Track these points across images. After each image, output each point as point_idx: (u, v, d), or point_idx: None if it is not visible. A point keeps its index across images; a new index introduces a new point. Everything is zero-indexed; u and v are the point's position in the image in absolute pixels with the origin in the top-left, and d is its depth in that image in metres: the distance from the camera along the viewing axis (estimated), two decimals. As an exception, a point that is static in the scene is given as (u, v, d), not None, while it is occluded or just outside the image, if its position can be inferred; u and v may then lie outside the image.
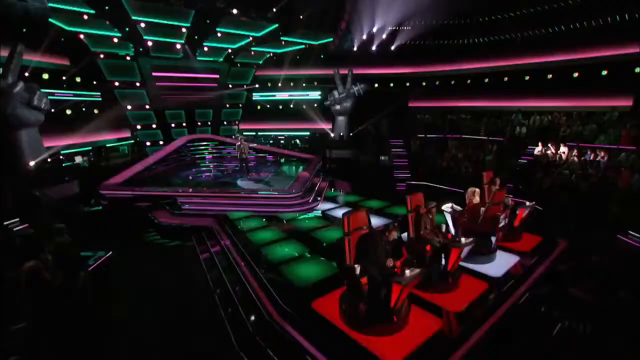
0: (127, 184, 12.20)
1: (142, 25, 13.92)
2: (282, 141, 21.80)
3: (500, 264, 6.40)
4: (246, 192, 11.36)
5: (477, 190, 6.76)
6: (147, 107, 17.86)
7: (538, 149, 12.62)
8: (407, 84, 21.92)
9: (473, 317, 4.90)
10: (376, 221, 9.25)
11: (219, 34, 16.19)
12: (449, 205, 7.22)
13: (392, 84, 22.20)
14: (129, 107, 17.26)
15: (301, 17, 16.96)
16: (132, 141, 17.70)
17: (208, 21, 14.94)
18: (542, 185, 10.83)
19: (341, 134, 19.87)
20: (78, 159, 13.49)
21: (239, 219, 9.70)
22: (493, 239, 6.43)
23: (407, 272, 4.40)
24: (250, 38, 17.44)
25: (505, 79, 17.03)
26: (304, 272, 6.37)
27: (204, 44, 17.22)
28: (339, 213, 10.09)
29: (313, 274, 6.29)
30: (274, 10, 15.35)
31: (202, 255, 8.30)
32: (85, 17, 12.53)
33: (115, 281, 6.78)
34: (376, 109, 20.59)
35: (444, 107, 19.78)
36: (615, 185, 9.65)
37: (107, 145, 16.21)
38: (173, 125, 19.12)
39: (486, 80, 17.88)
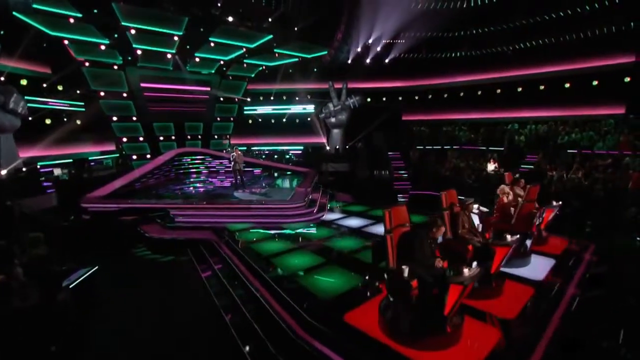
0: (113, 197, 11.25)
1: (132, 32, 13.34)
2: (275, 156, 21.21)
3: (537, 267, 5.90)
4: (246, 202, 10.57)
5: (508, 188, 6.33)
6: (134, 119, 16.99)
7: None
8: (400, 98, 22.05)
9: (530, 324, 4.30)
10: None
11: (212, 44, 15.77)
12: (475, 206, 6.77)
13: (384, 98, 22.27)
14: (114, 118, 16.33)
15: (296, 29, 16.87)
16: (117, 154, 16.65)
17: (202, 29, 14.53)
18: (550, 190, 10.62)
19: (337, 146, 19.53)
20: (57, 171, 12.39)
21: (240, 230, 8.90)
22: (528, 242, 5.95)
23: (466, 270, 3.80)
24: (244, 49, 17.12)
25: (498, 90, 17.28)
26: (325, 283, 5.64)
27: (196, 54, 16.74)
28: (348, 222, 9.52)
29: (336, 285, 5.57)
30: (270, 20, 15.17)
31: (201, 270, 7.42)
32: (72, 20, 11.83)
33: (102, 300, 5.86)
34: (370, 123, 20.52)
35: (438, 120, 19.92)
36: (626, 187, 9.52)
37: (90, 158, 15.12)
38: (161, 138, 18.24)
39: (479, 92, 18.13)
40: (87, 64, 14.79)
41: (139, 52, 14.98)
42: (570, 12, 13.64)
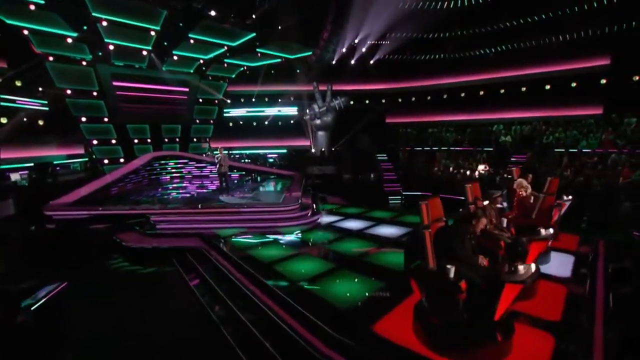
0: (82, 203, 10.08)
1: (104, 24, 12.24)
2: (258, 159, 20.40)
3: (560, 264, 5.60)
4: (236, 206, 9.76)
5: (525, 182, 6.04)
6: (106, 120, 15.65)
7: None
8: (383, 101, 21.99)
9: (578, 326, 3.91)
10: (393, 230, 8.26)
11: (191, 41, 14.90)
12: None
13: (367, 101, 22.13)
14: (83, 119, 14.95)
15: (279, 27, 16.31)
16: (87, 158, 15.22)
17: (181, 25, 13.65)
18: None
19: (322, 149, 19.04)
20: (15, 176, 11.00)
21: (232, 236, 8.11)
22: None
23: (521, 268, 3.35)
24: (225, 47, 16.36)
25: (482, 92, 17.54)
26: (341, 291, 5.03)
27: (174, 52, 15.78)
28: (348, 225, 8.96)
29: (354, 292, 4.98)
30: (254, 16, 14.53)
31: (190, 280, 6.58)
32: (32, 7, 10.60)
33: (73, 320, 4.94)
34: (355, 125, 20.26)
35: (421, 122, 19.98)
36: (617, 183, 9.67)
37: (56, 162, 13.66)
38: (136, 141, 16.95)
39: (463, 94, 18.33)
40: (51, 58, 13.42)
41: (111, 47, 13.83)
42: (549, 16, 14.01)
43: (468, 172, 13.21)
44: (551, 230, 4.63)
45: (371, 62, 19.71)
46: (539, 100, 15.26)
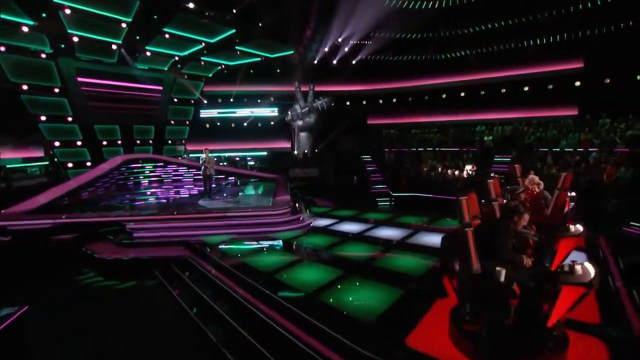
0: (44, 211, 8.92)
1: (67, 12, 11.06)
2: (237, 162, 19.54)
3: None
4: (222, 211, 9.01)
5: (537, 178, 5.87)
6: (70, 119, 14.23)
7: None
8: (364, 102, 21.87)
9: (618, 326, 3.67)
10: (393, 232, 7.90)
11: (166, 36, 13.91)
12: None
13: (348, 102, 21.91)
14: (42, 118, 13.48)
15: (261, 24, 15.69)
16: (47, 162, 13.73)
17: (155, 17, 12.68)
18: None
19: (305, 151, 18.55)
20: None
21: (221, 243, 7.40)
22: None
23: (579, 268, 3.02)
24: (203, 44, 15.46)
25: (462, 94, 17.82)
26: (357, 301, 4.54)
27: (147, 47, 14.67)
28: (345, 228, 8.50)
29: (373, 301, 4.50)
30: (234, 11, 13.82)
31: (179, 295, 5.82)
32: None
33: (37, 349, 4.13)
34: (336, 126, 19.95)
35: (402, 123, 20.03)
36: (601, 180, 9.92)
37: (9, 165, 12.16)
38: (105, 143, 15.57)
39: (444, 95, 18.55)
40: (2, 48, 11.96)
41: (75, 39, 12.56)
42: (527, 20, 14.44)
43: (457, 172, 13.21)
44: (580, 228, 4.40)
45: (353, 62, 19.50)
46: (518, 101, 15.69)
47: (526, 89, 15.86)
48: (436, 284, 4.99)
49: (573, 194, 6.85)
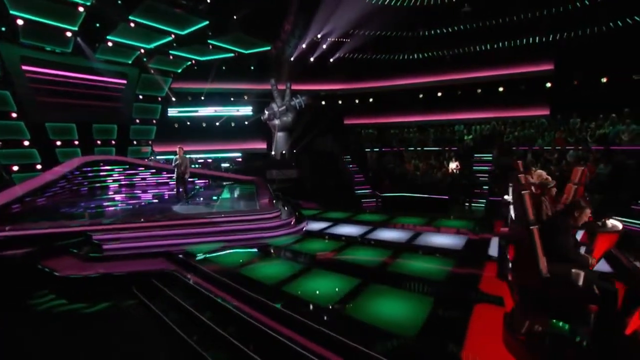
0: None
1: (12, -9, 9.58)
2: (210, 165, 18.33)
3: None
4: (207, 216, 8.10)
5: (544, 173, 5.74)
6: (14, 115, 12.39)
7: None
8: (340, 102, 21.53)
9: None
10: (395, 234, 7.50)
11: (131, 24, 12.60)
12: (507, 197, 6.07)
13: (323, 102, 21.45)
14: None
15: (236, 17, 14.77)
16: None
17: (119, 2, 11.41)
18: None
19: (283, 151, 17.81)
20: None
21: (209, 253, 6.54)
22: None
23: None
24: (172, 36, 14.28)
25: (439, 94, 18.05)
26: (388, 313, 4.00)
27: (108, 37, 13.23)
28: (343, 231, 7.97)
29: (406, 312, 3.98)
30: (208, 1, 12.84)
31: (166, 316, 4.93)
32: None
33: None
34: (312, 126, 19.43)
35: (380, 123, 19.96)
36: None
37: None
38: (59, 143, 13.78)
39: (420, 95, 18.70)
40: None
41: (19, 22, 10.91)
42: (500, 22, 14.86)
43: (441, 171, 13.21)
44: (618, 224, 4.21)
45: (331, 60, 19.08)
46: (494, 101, 16.15)
47: (501, 89, 16.35)
48: (464, 288, 4.68)
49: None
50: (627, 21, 12.58)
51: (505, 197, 6.60)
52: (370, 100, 20.71)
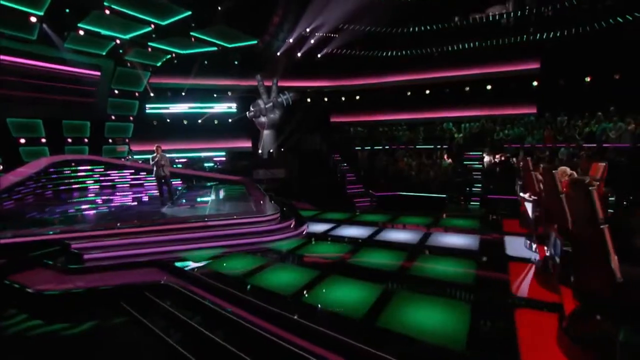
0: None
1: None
2: (193, 164, 17.37)
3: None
4: (199, 219, 7.42)
5: (568, 169, 5.55)
6: (-30, 109, 11.06)
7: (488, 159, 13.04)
8: (326, 99, 21.10)
9: None
10: (406, 236, 7.16)
11: (107, 12, 11.57)
12: (527, 195, 5.91)
13: (309, 99, 20.93)
14: None
15: (220, 7, 13.98)
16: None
17: (94, -15, 10.41)
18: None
19: (270, 150, 17.18)
20: None
21: (207, 260, 5.92)
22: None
23: None
24: (152, 26, 13.30)
25: (427, 91, 18.02)
26: (427, 324, 3.60)
27: (80, 24, 12.08)
28: (348, 233, 7.54)
29: (446, 322, 3.60)
30: (194, -11, 12.03)
31: (168, 336, 4.30)
32: None
33: None
34: (298, 123, 18.91)
35: (367, 121, 19.73)
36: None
37: None
38: (23, 141, 12.46)
39: (408, 93, 18.61)
40: None
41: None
42: (486, 20, 14.97)
43: (433, 169, 13.09)
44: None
45: (319, 55, 18.58)
46: (482, 99, 16.28)
47: (489, 87, 16.49)
48: (497, 292, 4.38)
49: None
50: (609, 22, 12.96)
51: (522, 195, 6.42)
52: (357, 97, 20.41)
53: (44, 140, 12.98)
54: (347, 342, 3.24)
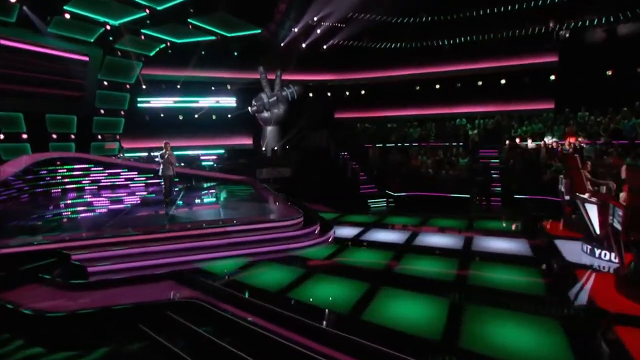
0: None
1: None
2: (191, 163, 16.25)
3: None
4: (216, 224, 6.52)
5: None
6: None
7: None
8: (329, 94, 20.21)
9: None
10: (445, 240, 6.49)
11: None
12: (586, 195, 5.48)
13: (311, 94, 19.99)
14: None
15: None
16: None
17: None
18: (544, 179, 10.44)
19: (274, 147, 16.25)
20: None
21: (234, 271, 5.09)
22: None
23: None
24: (147, 11, 12.14)
25: (437, 86, 17.36)
26: (518, 342, 3.04)
27: (66, 7, 10.86)
28: (379, 237, 6.81)
29: (529, 339, 3.13)
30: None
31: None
32: None
33: None
34: (302, 120, 18.01)
35: (374, 117, 18.97)
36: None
37: None
38: (1, 137, 11.16)
39: (417, 87, 17.91)
40: None
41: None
42: (500, 11, 14.27)
43: (452, 167, 12.48)
44: None
45: (324, 47, 17.66)
46: (496, 94, 15.72)
47: (503, 81, 15.89)
48: (583, 306, 3.88)
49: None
50: (635, 12, 12.41)
51: (579, 195, 5.86)
52: (363, 92, 19.59)
53: (25, 136, 11.65)
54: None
